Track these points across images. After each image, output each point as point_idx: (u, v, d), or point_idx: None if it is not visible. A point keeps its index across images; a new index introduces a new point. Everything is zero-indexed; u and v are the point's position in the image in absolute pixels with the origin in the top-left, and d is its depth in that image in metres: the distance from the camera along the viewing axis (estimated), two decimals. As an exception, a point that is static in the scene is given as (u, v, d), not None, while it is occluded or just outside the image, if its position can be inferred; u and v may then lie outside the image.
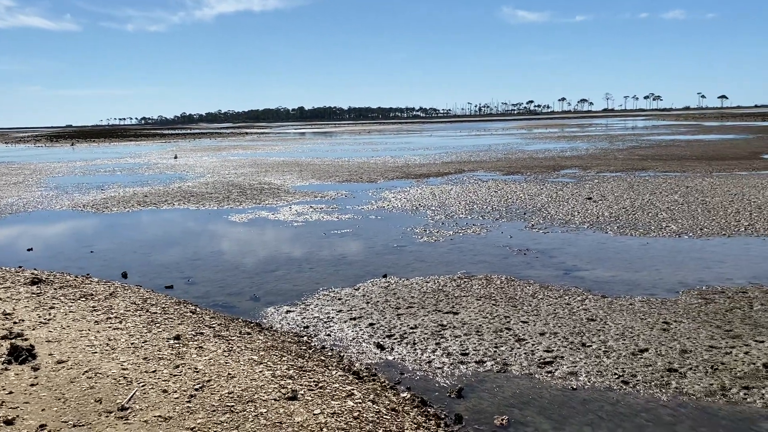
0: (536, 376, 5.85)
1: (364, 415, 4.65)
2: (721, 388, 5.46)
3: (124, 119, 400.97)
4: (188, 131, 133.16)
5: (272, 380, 5.20)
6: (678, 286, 8.52)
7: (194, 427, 4.33)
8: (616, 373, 5.81)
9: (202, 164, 34.54)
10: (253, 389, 4.99)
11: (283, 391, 4.98)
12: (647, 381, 5.64)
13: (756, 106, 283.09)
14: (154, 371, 5.35)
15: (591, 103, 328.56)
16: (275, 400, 4.79)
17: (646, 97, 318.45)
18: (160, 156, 44.42)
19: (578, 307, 7.70)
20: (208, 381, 5.15)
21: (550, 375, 5.85)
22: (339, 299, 8.37)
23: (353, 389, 5.21)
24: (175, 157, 41.13)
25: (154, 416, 4.49)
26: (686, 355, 6.13)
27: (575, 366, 6.00)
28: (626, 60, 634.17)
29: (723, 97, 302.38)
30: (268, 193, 20.47)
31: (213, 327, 6.89)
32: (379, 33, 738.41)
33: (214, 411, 4.59)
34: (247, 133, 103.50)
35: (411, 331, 7.07)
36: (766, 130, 57.74)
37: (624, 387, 5.56)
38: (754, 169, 23.03)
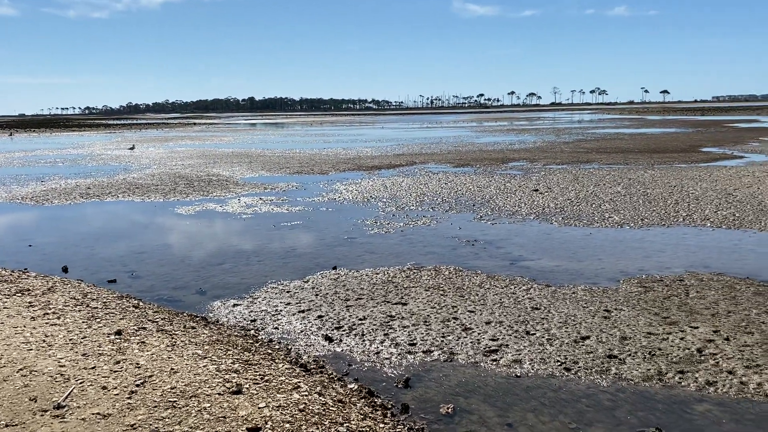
0: (482, 364, 5.94)
1: (310, 408, 4.63)
2: (658, 373, 5.66)
3: (67, 109, 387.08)
4: (134, 121, 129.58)
5: (217, 374, 5.12)
6: (619, 275, 8.78)
7: (134, 424, 4.22)
8: (558, 361, 5.95)
9: (148, 155, 33.68)
10: (197, 384, 4.91)
11: (227, 385, 4.91)
12: (588, 367, 5.79)
13: (696, 101, 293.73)
14: (93, 368, 5.20)
15: (539, 97, 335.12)
16: (219, 394, 4.72)
17: (592, 92, 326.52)
18: (105, 147, 43.10)
19: (523, 297, 7.85)
20: (150, 376, 5.03)
21: (495, 363, 5.95)
22: (288, 292, 8.31)
23: (300, 382, 5.18)
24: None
25: (93, 414, 4.37)
26: (626, 342, 6.33)
27: (519, 354, 6.12)
28: (573, 55, 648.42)
29: (665, 91, 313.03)
30: (217, 184, 20.13)
31: (156, 321, 6.73)
32: (331, 24, 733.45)
33: (155, 407, 4.49)
34: (195, 124, 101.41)
35: (360, 322, 7.07)
36: (705, 124, 60.02)
37: (566, 374, 5.70)
38: (693, 161, 23.90)
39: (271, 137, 54.23)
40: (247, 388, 4.88)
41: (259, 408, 4.52)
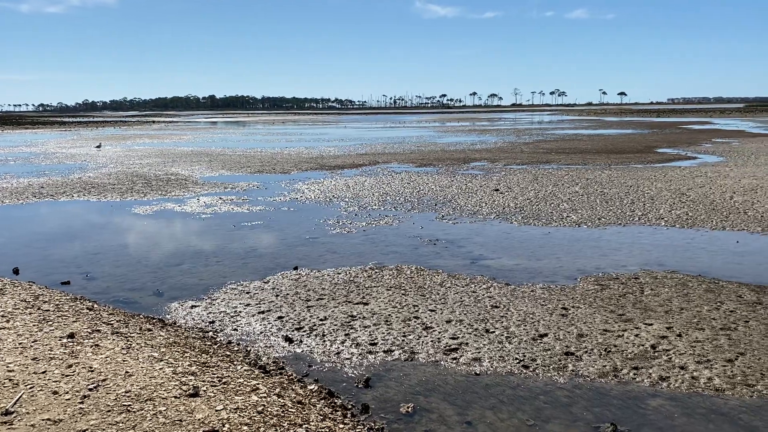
0: (442, 363, 5.97)
1: (269, 409, 4.58)
2: (613, 369, 5.77)
3: (20, 106, 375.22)
4: (91, 119, 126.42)
5: (173, 377, 5.03)
6: (576, 273, 8.94)
7: (86, 429, 4.11)
8: (517, 358, 6.02)
9: (104, 154, 32.91)
10: (153, 387, 4.80)
11: (184, 387, 4.82)
12: (546, 365, 5.88)
13: (651, 103, 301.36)
14: (44, 372, 5.05)
15: (500, 98, 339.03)
16: (176, 397, 4.64)
17: (552, 93, 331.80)
18: (60, 145, 41.93)
19: (483, 295, 7.92)
20: (104, 380, 4.91)
21: (455, 362, 5.99)
22: (247, 293, 8.21)
23: (258, 384, 5.12)
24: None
25: (43, 419, 4.23)
26: (582, 339, 6.44)
27: (479, 352, 6.17)
28: (533, 56, 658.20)
29: (622, 93, 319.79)
30: (175, 184, 19.78)
31: (111, 324, 6.57)
32: (293, 22, 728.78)
33: (109, 411, 4.38)
34: (154, 122, 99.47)
35: (320, 322, 7.03)
36: (660, 125, 61.61)
37: (524, 371, 5.77)
38: (649, 162, 24.50)
39: (232, 136, 53.57)
40: (204, 391, 4.80)
41: (216, 411, 4.46)
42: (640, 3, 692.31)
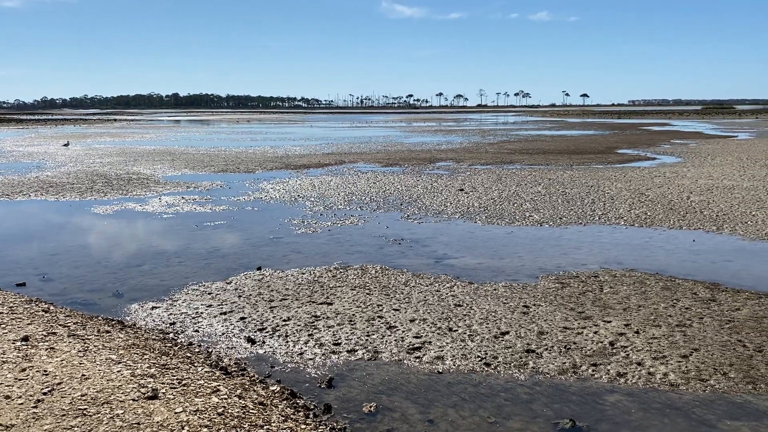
0: (405, 362, 5.99)
1: (229, 411, 4.54)
2: (573, 366, 5.88)
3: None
4: (50, 117, 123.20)
5: (131, 380, 4.94)
6: (538, 271, 9.07)
7: (40, 435, 4.01)
8: (479, 356, 6.08)
9: (63, 152, 32.12)
10: (110, 390, 4.71)
11: (142, 390, 4.74)
12: (507, 362, 5.95)
13: (613, 104, 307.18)
14: (-4, 377, 4.90)
15: (466, 99, 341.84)
16: (134, 400, 4.55)
17: (516, 94, 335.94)
18: (16, 143, 40.77)
19: (447, 294, 7.98)
20: (59, 384, 4.79)
21: (418, 360, 6.01)
22: (209, 293, 8.11)
23: (219, 385, 5.06)
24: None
25: (-6, 426, 4.11)
26: (543, 337, 6.54)
27: (442, 350, 6.22)
28: (498, 58, 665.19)
29: (585, 95, 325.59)
30: (137, 183, 19.43)
31: (68, 326, 6.42)
32: (258, 19, 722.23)
33: (63, 415, 4.28)
34: (116, 120, 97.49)
35: (284, 323, 6.99)
36: (621, 126, 62.91)
37: (486, 369, 5.83)
38: (609, 162, 24.99)
39: (196, 134, 52.86)
40: (163, 393, 4.73)
41: (175, 413, 4.39)
42: (601, 6, 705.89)
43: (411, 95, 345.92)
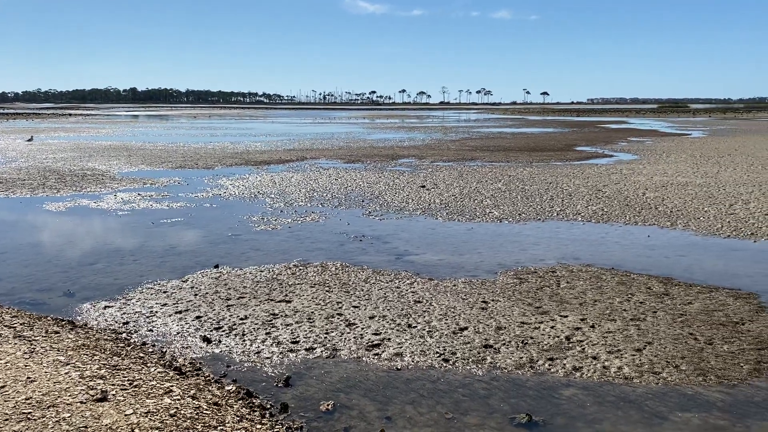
0: (364, 359, 5.95)
1: (182, 412, 4.43)
2: (530, 360, 5.92)
3: None
4: (1, 111, 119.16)
5: (80, 382, 4.78)
6: (497, 267, 9.13)
7: (-20, 441, 3.84)
8: (437, 352, 6.08)
9: (15, 147, 31.08)
10: (57, 393, 4.55)
11: (91, 392, 4.59)
12: (465, 358, 5.96)
13: (572, 103, 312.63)
14: (-66, 381, 4.68)
15: (429, 96, 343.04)
16: (82, 402, 4.40)
17: (478, 92, 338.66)
18: (-36, 137, 39.28)
19: (407, 290, 7.97)
20: (2, 387, 4.60)
21: (377, 357, 5.98)
22: (164, 292, 7.93)
23: (172, 386, 4.94)
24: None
25: (-70, 433, 3.93)
26: (501, 332, 6.58)
27: (401, 347, 6.20)
28: (460, 55, 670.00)
29: (545, 93, 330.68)
30: (92, 179, 18.92)
31: (14, 327, 6.19)
32: (218, 13, 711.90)
33: (6, 420, 4.11)
34: (71, 115, 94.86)
35: (241, 322, 6.88)
36: (580, 124, 64.05)
37: (445, 364, 5.83)
38: (568, 159, 25.40)
39: (154, 130, 51.81)
40: (113, 395, 4.59)
41: (125, 415, 4.26)
42: (561, 5, 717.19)
43: (374, 92, 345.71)
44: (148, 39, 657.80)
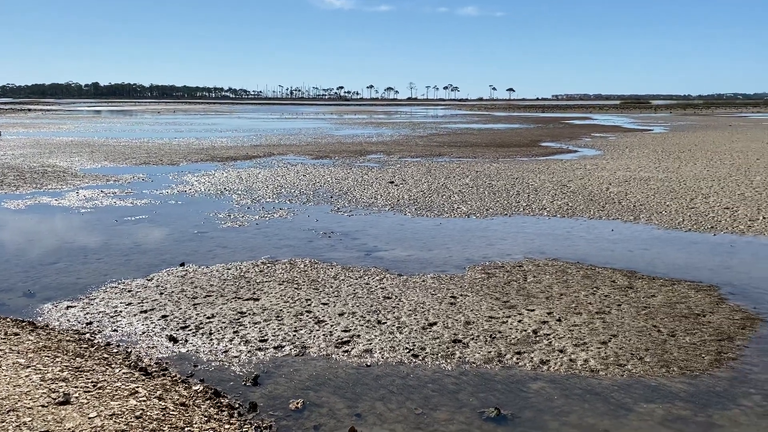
0: (333, 356, 5.93)
1: (148, 413, 4.35)
2: (498, 354, 5.98)
3: None
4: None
5: (41, 384, 4.66)
6: (465, 262, 9.19)
7: (-64, 449, 3.72)
8: (407, 348, 6.09)
9: (-30, 144, 30.12)
10: (17, 396, 4.42)
11: (53, 395, 4.48)
12: (435, 353, 5.99)
13: (537, 99, 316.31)
14: None
15: (397, 92, 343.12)
16: (43, 406, 4.29)
17: (445, 88, 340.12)
18: None
19: (376, 287, 7.97)
20: (-41, 392, 4.46)
21: (346, 354, 5.97)
22: (129, 291, 7.78)
23: (138, 387, 4.85)
24: None
25: None
26: (469, 326, 6.63)
27: (371, 343, 6.19)
28: (428, 51, 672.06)
29: (511, 89, 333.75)
30: (53, 176, 18.44)
31: (-29, 330, 6.00)
32: (183, 6, 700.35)
33: (-36, 427, 3.98)
34: (30, 110, 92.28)
35: (208, 320, 6.79)
36: (545, 120, 64.85)
37: (414, 360, 5.85)
38: (534, 155, 25.70)
39: (117, 125, 50.77)
40: (76, 398, 4.48)
41: (89, 418, 4.17)
42: (526, 2, 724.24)
43: (342, 87, 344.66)
44: (111, 32, 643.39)
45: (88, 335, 6.36)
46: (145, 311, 7.06)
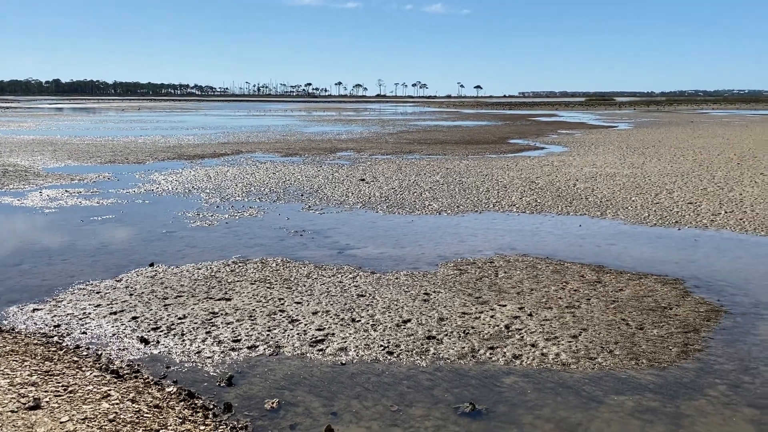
0: (308, 355, 5.92)
1: (122, 417, 4.29)
2: (471, 350, 6.04)
3: None
4: None
5: (10, 390, 4.55)
6: (438, 259, 9.25)
7: None
8: (382, 345, 6.11)
9: (-74, 142, 29.17)
10: (-16, 403, 4.32)
11: (23, 400, 4.38)
12: (409, 350, 6.02)
13: (505, 96, 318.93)
14: None
15: (365, 89, 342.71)
16: (12, 412, 4.20)
17: (414, 85, 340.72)
18: None
19: (350, 285, 7.97)
20: (-77, 400, 4.33)
21: (321, 353, 5.96)
22: (98, 293, 7.64)
23: (110, 390, 4.77)
24: None
25: None
26: (443, 323, 6.68)
27: (345, 342, 6.20)
28: (396, 48, 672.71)
29: (478, 87, 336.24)
30: (14, 176, 17.98)
31: (-67, 335, 5.83)
32: (146, 1, 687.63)
33: (-71, 435, 3.87)
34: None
35: (179, 321, 6.71)
36: (512, 117, 65.53)
37: (389, 357, 5.87)
38: (502, 152, 25.95)
39: (81, 123, 49.69)
40: (47, 402, 4.39)
41: (61, 423, 4.09)
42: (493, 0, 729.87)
43: (310, 84, 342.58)
44: (72, 28, 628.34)
45: (56, 338, 6.23)
46: (115, 313, 6.95)
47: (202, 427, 4.43)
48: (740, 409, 4.99)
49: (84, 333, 6.40)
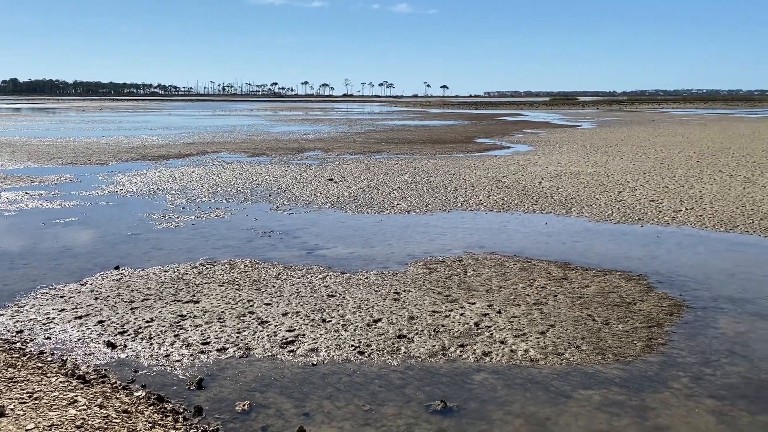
0: (279, 356, 5.90)
1: (90, 422, 4.21)
2: (442, 348, 6.09)
3: None
4: None
5: (-29, 398, 4.43)
6: (407, 258, 9.30)
7: None
8: (353, 345, 6.12)
9: None
10: (-55, 412, 4.19)
11: (-15, 409, 4.27)
12: (380, 349, 6.05)
13: (471, 96, 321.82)
14: None
15: (332, 88, 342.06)
16: (-25, 421, 4.09)
17: (380, 84, 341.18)
18: None
19: (320, 285, 7.95)
20: None
21: (292, 354, 5.95)
22: (61, 297, 7.48)
23: (77, 395, 4.68)
24: None
25: None
26: (413, 321, 6.72)
27: (316, 342, 6.19)
28: (362, 48, 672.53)
29: (444, 86, 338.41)
30: (-29, 178, 17.45)
31: None
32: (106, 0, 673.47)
33: None
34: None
35: (147, 325, 6.61)
36: (478, 117, 66.10)
37: (360, 357, 5.89)
38: (469, 151, 26.17)
39: (40, 124, 48.46)
40: (11, 410, 4.29)
41: (26, 430, 4.00)
42: (459, 0, 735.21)
43: (276, 83, 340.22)
44: (31, 27, 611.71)
45: (19, 344, 6.08)
46: (80, 317, 6.81)
47: (172, 431, 4.38)
48: (702, 400, 5.14)
49: (48, 338, 6.26)
